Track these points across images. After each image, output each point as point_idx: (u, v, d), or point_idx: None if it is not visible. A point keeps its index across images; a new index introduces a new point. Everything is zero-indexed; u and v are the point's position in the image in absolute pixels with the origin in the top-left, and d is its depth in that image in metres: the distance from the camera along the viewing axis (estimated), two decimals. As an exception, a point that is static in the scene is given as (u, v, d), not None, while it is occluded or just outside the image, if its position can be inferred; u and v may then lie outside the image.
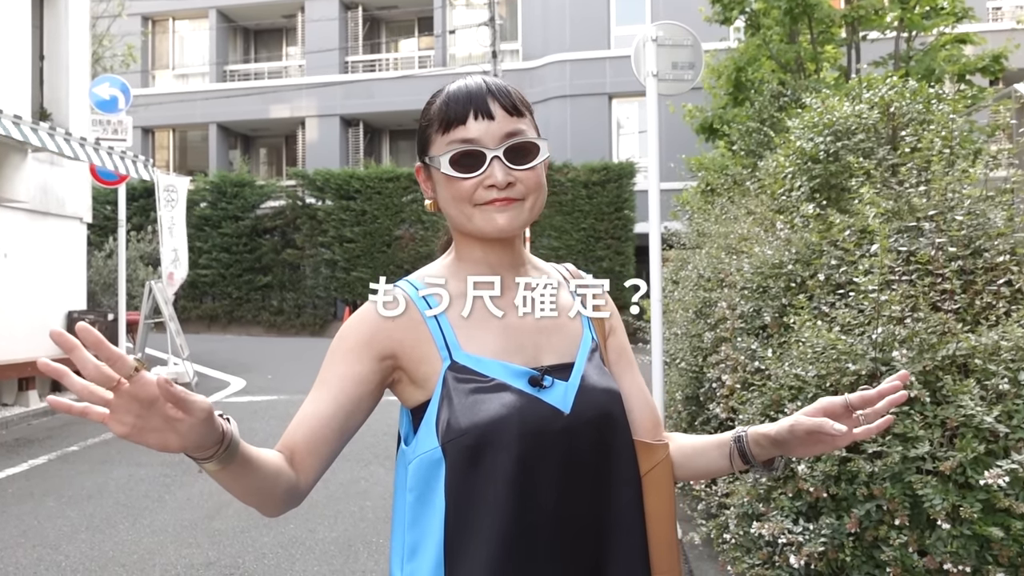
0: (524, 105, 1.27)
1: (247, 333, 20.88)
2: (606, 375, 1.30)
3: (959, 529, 2.57)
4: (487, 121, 1.21)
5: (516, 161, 1.22)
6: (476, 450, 1.15)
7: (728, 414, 3.94)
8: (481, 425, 1.15)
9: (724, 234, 5.27)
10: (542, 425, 1.17)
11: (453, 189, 1.23)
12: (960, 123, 4.34)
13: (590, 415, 1.22)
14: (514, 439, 1.15)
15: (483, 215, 1.22)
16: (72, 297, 10.62)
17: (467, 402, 1.17)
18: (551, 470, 1.18)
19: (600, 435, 1.23)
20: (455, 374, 1.20)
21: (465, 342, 1.23)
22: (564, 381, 1.23)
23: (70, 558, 4.53)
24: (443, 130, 1.24)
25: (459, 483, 1.16)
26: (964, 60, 9.18)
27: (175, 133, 27.29)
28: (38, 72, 10.36)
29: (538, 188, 1.26)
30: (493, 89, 1.24)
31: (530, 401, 1.18)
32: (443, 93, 1.27)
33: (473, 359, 1.21)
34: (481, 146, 1.21)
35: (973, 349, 2.82)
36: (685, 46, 5.17)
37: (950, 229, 3.33)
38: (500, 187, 1.20)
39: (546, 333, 1.28)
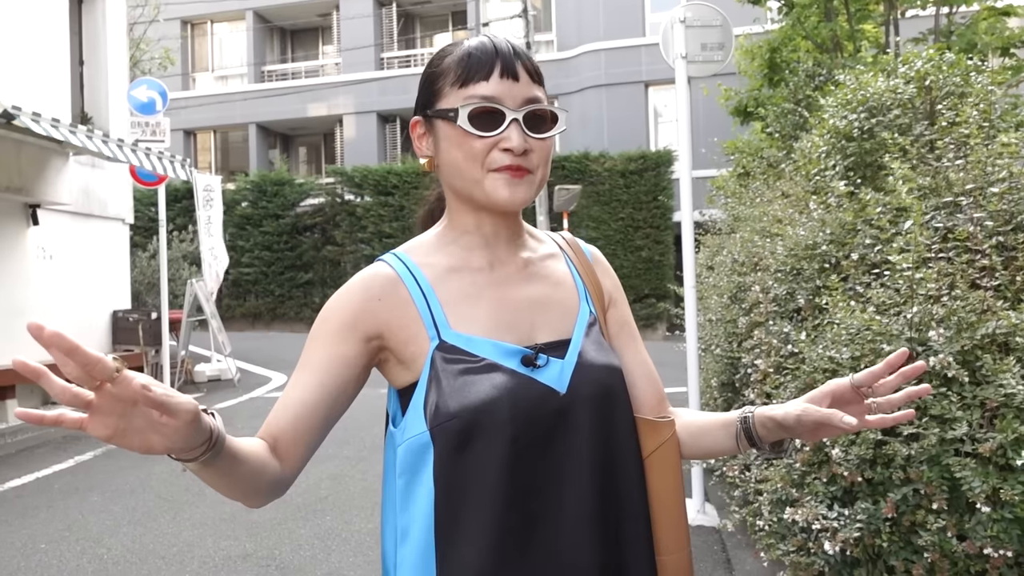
0: (541, 74, 1.22)
1: (290, 330, 21.10)
2: (606, 350, 1.24)
3: (1000, 513, 2.49)
4: (511, 81, 1.15)
5: (534, 128, 1.16)
6: (466, 434, 1.09)
7: (762, 399, 3.87)
8: (470, 408, 1.09)
9: (758, 217, 5.18)
10: (536, 406, 1.12)
11: (466, 147, 1.15)
12: (1000, 95, 4.20)
13: (588, 393, 1.16)
14: (506, 422, 1.09)
15: (491, 182, 1.15)
16: (117, 297, 10.83)
17: (456, 384, 1.11)
18: (547, 453, 1.12)
19: (600, 414, 1.17)
20: (443, 354, 1.14)
21: (455, 320, 1.17)
22: (560, 359, 1.17)
23: (112, 551, 4.61)
24: (460, 83, 1.15)
25: (448, 469, 1.11)
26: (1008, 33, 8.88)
27: (216, 134, 27.66)
28: (78, 77, 10.55)
29: (547, 160, 1.20)
30: (519, 50, 1.18)
31: (523, 381, 1.13)
32: (461, 46, 1.18)
33: (463, 338, 1.15)
34: (503, 106, 1.14)
35: (1014, 327, 2.72)
36: (714, 26, 5.07)
37: (989, 204, 3.22)
38: (516, 152, 1.14)
39: (541, 309, 1.22)
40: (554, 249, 1.33)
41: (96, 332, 10.35)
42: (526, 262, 1.26)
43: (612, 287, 1.36)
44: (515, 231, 1.26)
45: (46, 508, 5.49)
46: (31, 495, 5.87)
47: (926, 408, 2.68)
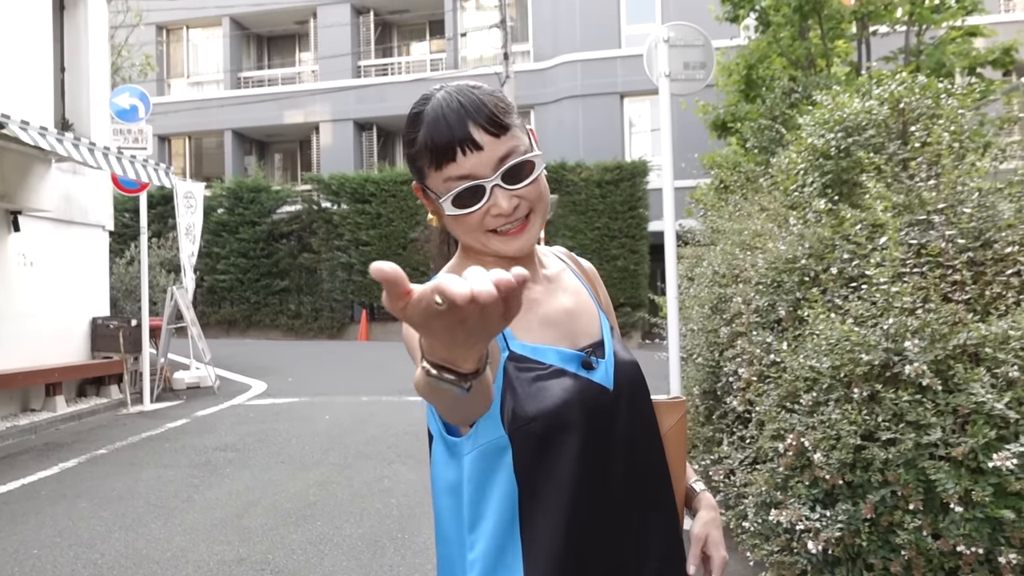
0: (506, 114, 1.24)
1: (265, 337, 21.07)
2: (626, 348, 1.39)
3: (972, 512, 2.66)
4: (476, 153, 1.20)
5: (515, 181, 1.22)
6: (545, 435, 1.21)
7: (745, 407, 4.03)
8: (548, 411, 1.21)
9: (738, 231, 5.35)
10: (596, 403, 1.26)
11: (463, 225, 1.24)
12: (969, 117, 4.41)
13: (627, 388, 1.31)
14: (578, 420, 1.23)
15: (498, 242, 1.25)
16: (95, 303, 10.81)
17: (531, 390, 1.22)
18: (609, 444, 1.27)
19: (634, 405, 1.33)
20: (515, 364, 1.24)
21: (517, 333, 1.27)
22: (602, 359, 1.31)
23: (106, 556, 4.66)
24: (435, 167, 1.22)
25: (530, 467, 1.21)
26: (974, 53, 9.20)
27: (191, 140, 27.54)
28: (59, 83, 10.54)
29: (540, 198, 1.27)
30: (471, 111, 1.20)
31: (585, 383, 1.26)
32: (422, 121, 1.23)
33: (529, 348, 1.26)
34: (478, 178, 1.20)
35: (984, 338, 2.90)
36: (696, 46, 5.25)
37: (960, 221, 3.41)
38: (507, 214, 1.22)
39: (575, 317, 1.35)
40: (561, 265, 1.45)
41: (76, 339, 10.33)
42: (548, 279, 1.38)
43: (605, 296, 1.51)
44: (531, 256, 1.36)
45: (34, 514, 5.52)
46: (17, 502, 5.88)
47: (902, 415, 2.85)
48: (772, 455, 3.32)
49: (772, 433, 3.35)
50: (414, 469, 6.48)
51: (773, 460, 3.30)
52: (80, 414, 9.51)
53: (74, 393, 10.28)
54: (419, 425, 8.21)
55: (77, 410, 9.57)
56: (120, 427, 8.82)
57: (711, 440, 4.85)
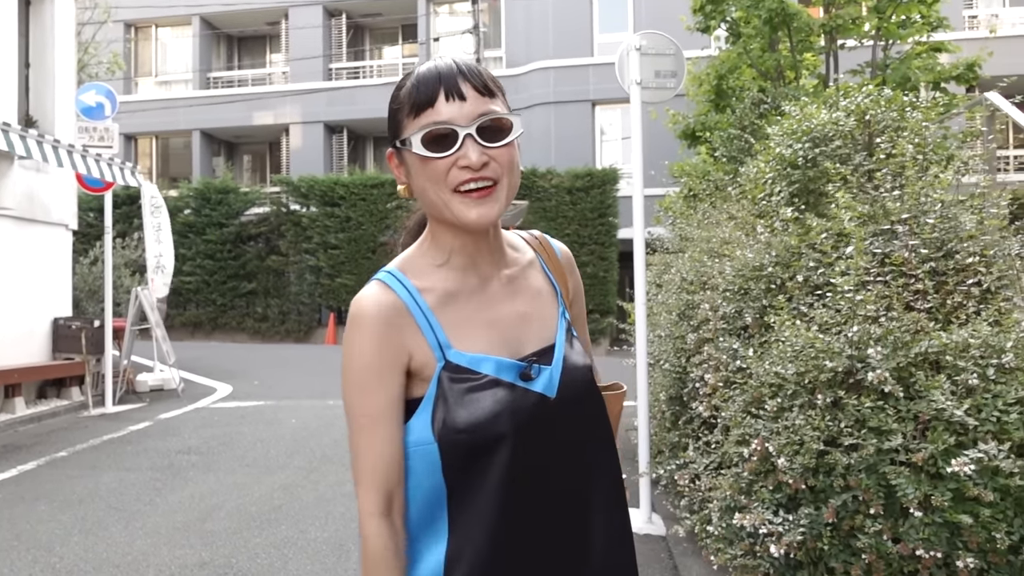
0: (495, 85, 1.27)
1: (232, 340, 20.85)
2: (579, 351, 1.37)
3: (931, 517, 2.70)
4: (459, 102, 1.21)
5: (489, 139, 1.22)
6: (473, 445, 1.21)
7: (711, 412, 4.06)
8: (477, 423, 1.21)
9: (706, 238, 5.41)
10: (532, 413, 1.25)
11: (427, 171, 1.22)
12: (933, 130, 4.49)
13: (572, 394, 1.30)
14: (509, 430, 1.22)
15: (458, 205, 1.22)
16: (58, 304, 10.63)
17: (462, 401, 1.22)
18: (547, 451, 1.26)
19: (581, 409, 1.32)
20: (449, 374, 1.24)
21: (455, 340, 1.26)
22: (548, 366, 1.30)
23: (64, 560, 4.59)
24: (414, 113, 1.23)
25: (458, 471, 1.22)
26: (939, 68, 9.38)
27: (158, 140, 27.22)
28: (24, 80, 10.37)
29: (511, 167, 1.25)
30: (464, 69, 1.23)
31: (521, 394, 1.25)
32: (412, 75, 1.26)
33: (466, 357, 1.25)
34: (453, 125, 1.20)
35: (944, 346, 2.95)
36: (668, 55, 5.29)
37: (923, 232, 3.47)
38: (475, 167, 1.20)
39: (527, 322, 1.34)
40: (530, 255, 1.43)
41: (37, 340, 10.15)
42: (509, 277, 1.36)
43: (578, 284, 1.51)
44: (495, 245, 1.34)
45: (-9, 517, 5.42)
46: (-26, 504, 5.77)
47: (865, 421, 2.89)
48: (737, 460, 3.35)
49: (737, 438, 3.38)
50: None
51: (738, 465, 3.33)
52: (40, 416, 9.34)
53: (34, 395, 10.09)
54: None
55: (37, 412, 9.40)
56: (81, 429, 8.68)
57: (677, 445, 4.88)
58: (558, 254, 1.48)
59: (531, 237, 1.47)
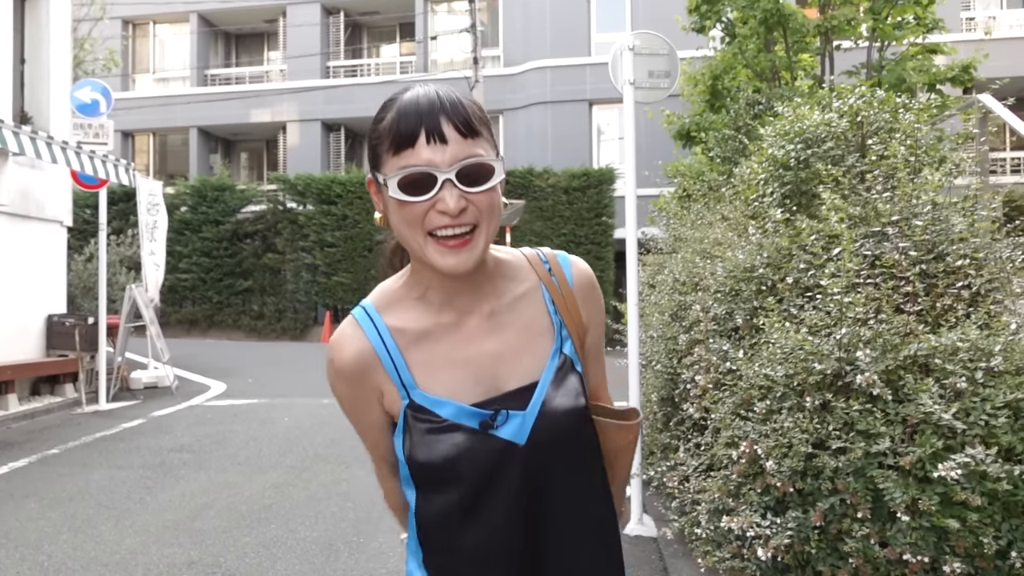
0: (481, 122, 1.20)
1: (227, 338, 20.83)
2: (571, 392, 1.29)
3: (918, 521, 2.69)
4: (439, 145, 1.15)
5: (469, 183, 1.17)
6: (432, 483, 1.26)
7: (701, 414, 4.05)
8: (435, 463, 1.23)
9: (699, 239, 5.39)
10: (494, 460, 1.23)
11: (404, 212, 1.18)
12: (926, 132, 4.48)
13: (546, 440, 1.25)
14: (466, 474, 1.22)
15: (435, 250, 1.18)
16: (52, 301, 10.60)
17: (423, 440, 1.23)
18: (502, 497, 1.24)
19: (557, 454, 1.27)
20: (413, 412, 1.25)
21: (422, 379, 1.26)
22: (522, 411, 1.25)
23: (52, 558, 4.57)
24: (393, 150, 1.17)
25: (423, 499, 1.29)
26: (934, 70, 9.37)
27: (155, 137, 27.18)
28: (19, 76, 10.35)
29: (491, 212, 1.20)
30: (447, 106, 1.17)
31: (481, 440, 1.23)
32: (394, 106, 1.20)
33: (428, 399, 1.25)
34: (432, 169, 1.15)
35: (933, 349, 2.94)
36: (661, 55, 5.28)
37: (914, 234, 3.46)
38: (452, 214, 1.15)
39: (505, 360, 1.28)
40: (528, 285, 1.34)
41: (30, 336, 10.13)
42: (492, 312, 1.30)
43: (596, 311, 1.41)
44: (479, 280, 1.29)
45: (-20, 515, 5.40)
46: (-37, 502, 5.75)
47: (853, 424, 2.88)
48: (726, 462, 3.33)
49: (726, 440, 3.36)
50: (372, 472, 6.38)
51: (727, 467, 3.32)
52: (33, 413, 9.32)
53: (27, 391, 10.08)
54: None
55: (30, 408, 9.38)
56: (74, 426, 8.66)
57: (668, 447, 4.87)
58: (570, 281, 1.37)
59: (540, 261, 1.37)
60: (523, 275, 1.35)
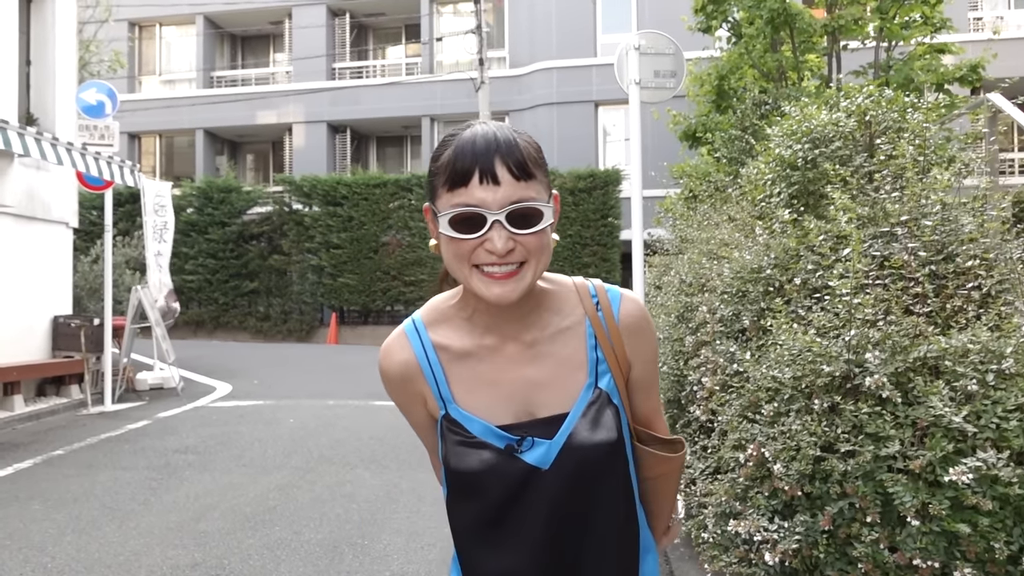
0: (535, 164, 1.24)
1: (233, 339, 20.85)
2: (604, 426, 1.33)
3: (928, 526, 2.65)
4: (492, 186, 1.20)
5: (518, 225, 1.21)
6: (460, 490, 1.34)
7: (708, 416, 4.02)
8: (464, 474, 1.31)
9: (706, 240, 5.36)
10: (518, 480, 1.30)
11: (453, 247, 1.24)
12: (935, 131, 4.44)
13: (570, 470, 1.30)
14: (491, 489, 1.30)
15: (481, 281, 1.24)
16: (58, 302, 10.61)
17: (455, 451, 1.32)
18: (527, 515, 1.31)
19: (582, 484, 1.32)
20: (448, 424, 1.34)
21: (459, 394, 1.35)
22: (548, 439, 1.31)
23: (56, 560, 4.55)
24: (448, 186, 1.22)
25: (453, 500, 1.38)
26: (942, 70, 9.31)
27: (161, 139, 27.24)
28: (24, 77, 10.36)
29: (540, 251, 1.25)
30: (502, 147, 1.21)
31: (507, 460, 1.30)
32: (453, 143, 1.25)
33: (463, 415, 1.33)
34: (483, 208, 1.20)
35: (943, 351, 2.90)
36: (667, 55, 5.25)
37: (923, 235, 3.42)
38: (499, 254, 1.21)
39: (539, 389, 1.34)
40: (572, 320, 1.38)
41: (36, 337, 10.13)
42: (532, 342, 1.35)
43: (644, 350, 1.42)
44: (525, 311, 1.34)
45: (-15, 516, 5.39)
46: (-32, 503, 5.74)
47: (862, 427, 2.84)
48: (733, 465, 3.30)
49: (733, 443, 3.33)
50: (377, 474, 6.42)
51: (734, 470, 3.29)
52: (39, 414, 9.32)
53: (33, 392, 10.08)
54: (385, 430, 8.14)
55: (36, 410, 9.38)
56: (79, 428, 8.66)
57: (675, 449, 4.83)
58: (616, 318, 1.39)
59: (588, 294, 1.41)
60: (568, 308, 1.39)
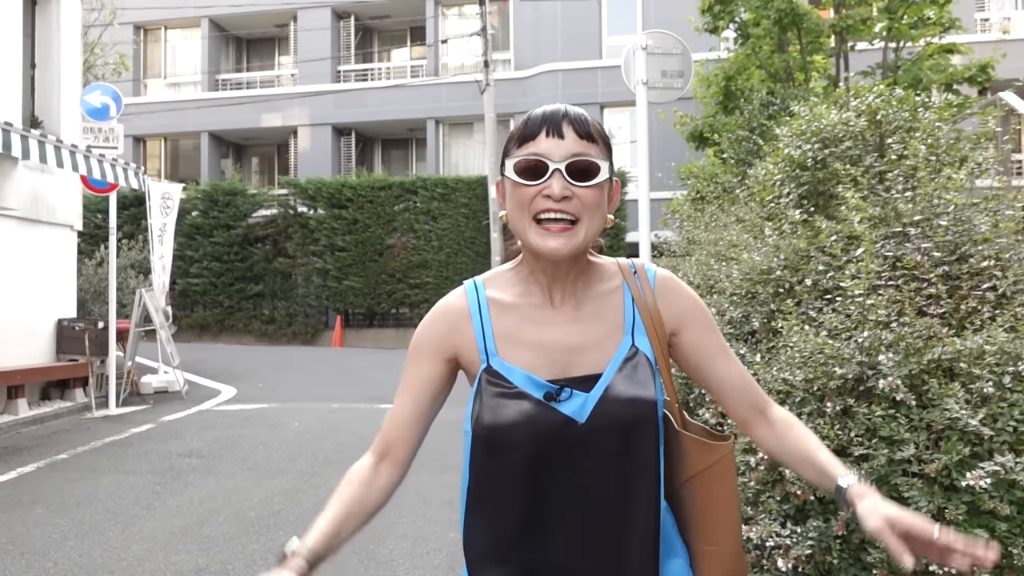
0: (598, 133, 1.36)
1: (238, 342, 20.83)
2: (640, 383, 1.36)
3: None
4: (556, 139, 1.32)
5: (578, 178, 1.31)
6: (494, 444, 1.34)
7: (718, 419, 3.96)
8: (500, 426, 1.32)
9: (714, 241, 5.31)
10: (554, 432, 1.32)
11: (516, 195, 1.34)
12: (946, 131, 4.39)
13: (607, 424, 1.33)
14: (527, 441, 1.32)
15: (537, 233, 1.33)
16: (62, 305, 10.59)
17: (492, 403, 1.34)
18: (562, 468, 1.33)
19: (622, 441, 1.34)
20: (488, 376, 1.37)
21: (502, 349, 1.39)
22: (585, 392, 1.34)
23: (59, 565, 4.52)
24: (517, 144, 1.35)
25: (480, 465, 1.37)
26: (951, 70, 9.25)
27: (166, 142, 27.27)
28: (29, 80, 10.36)
29: (595, 207, 1.34)
30: (570, 113, 1.34)
31: (545, 410, 1.33)
32: (528, 114, 1.38)
33: (504, 366, 1.37)
34: (546, 158, 1.31)
35: (958, 353, 2.85)
36: (674, 55, 5.21)
37: (935, 235, 3.37)
38: (556, 199, 1.30)
39: (579, 350, 1.38)
40: (614, 284, 1.46)
41: (40, 340, 10.11)
42: (578, 304, 1.42)
43: (684, 311, 1.47)
44: (576, 273, 1.42)
45: (-12, 520, 5.36)
46: (-29, 507, 5.71)
47: (876, 430, 2.79)
48: (744, 469, 3.25)
49: (744, 446, 3.28)
50: (382, 478, 6.36)
51: (745, 474, 3.23)
52: (43, 417, 9.30)
53: (37, 396, 10.06)
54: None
55: (40, 413, 9.36)
56: (83, 431, 8.63)
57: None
58: (652, 284, 1.47)
59: (627, 266, 1.49)
60: (611, 276, 1.47)
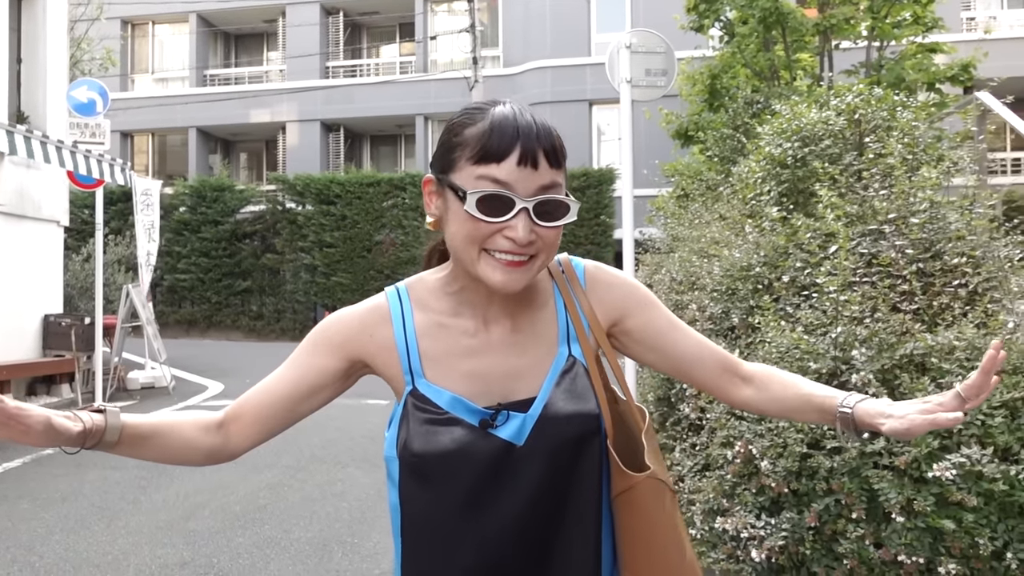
0: (562, 154, 1.19)
1: (226, 338, 20.79)
2: (579, 395, 1.24)
3: (913, 522, 2.66)
4: (529, 169, 1.14)
5: (543, 218, 1.16)
6: (424, 474, 1.21)
7: (697, 414, 4.02)
8: (431, 455, 1.19)
9: (697, 238, 5.37)
10: (491, 457, 1.20)
11: (470, 227, 1.15)
12: (924, 130, 4.45)
13: (545, 444, 1.21)
14: (462, 470, 1.19)
15: (489, 266, 1.17)
16: (48, 301, 10.56)
17: (421, 430, 1.21)
18: (500, 495, 1.21)
19: (560, 460, 1.22)
20: (415, 400, 1.23)
21: (430, 370, 1.25)
22: (523, 413, 1.22)
23: (44, 559, 4.54)
24: (475, 160, 1.15)
25: (409, 493, 1.24)
26: (933, 69, 9.34)
27: (154, 137, 27.15)
28: (15, 75, 10.32)
29: (553, 246, 1.20)
30: (541, 132, 1.15)
31: (480, 437, 1.20)
32: (486, 116, 1.17)
33: (433, 390, 1.23)
34: (514, 194, 1.13)
35: (930, 348, 2.91)
36: (658, 53, 5.26)
37: (911, 233, 3.43)
38: (520, 244, 1.14)
39: (516, 376, 1.26)
40: (545, 295, 1.32)
41: (27, 336, 10.08)
42: (513, 327, 1.28)
43: (618, 299, 1.34)
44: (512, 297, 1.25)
45: (-27, 515, 5.37)
46: (-43, 502, 5.72)
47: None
48: (721, 462, 3.31)
49: (722, 440, 3.34)
50: (368, 473, 6.40)
51: (722, 467, 3.29)
52: (29, 413, 9.26)
53: (23, 392, 10.03)
54: (377, 429, 8.13)
55: (26, 409, 9.32)
56: (70, 427, 8.60)
57: (664, 447, 4.84)
58: (582, 281, 1.34)
59: (556, 266, 1.35)
60: (542, 285, 1.32)
